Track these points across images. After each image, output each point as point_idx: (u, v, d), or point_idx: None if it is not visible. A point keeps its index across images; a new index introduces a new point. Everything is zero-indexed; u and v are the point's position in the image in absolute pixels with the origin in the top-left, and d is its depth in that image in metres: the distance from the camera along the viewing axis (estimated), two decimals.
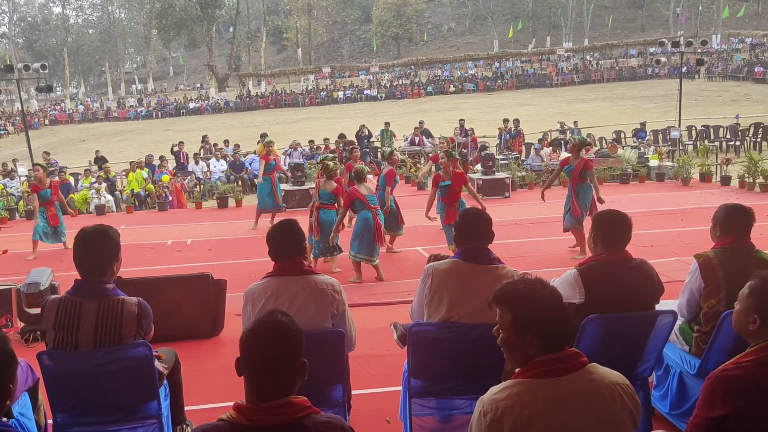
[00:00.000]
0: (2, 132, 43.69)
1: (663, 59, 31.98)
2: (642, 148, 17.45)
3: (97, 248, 3.13)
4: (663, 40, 22.01)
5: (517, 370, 2.03)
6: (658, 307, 3.29)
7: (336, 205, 8.27)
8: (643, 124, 21.35)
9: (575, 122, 22.48)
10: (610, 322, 3.12)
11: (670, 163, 16.33)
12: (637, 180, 15.69)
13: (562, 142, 19.29)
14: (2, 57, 63.47)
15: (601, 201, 8.29)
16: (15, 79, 19.47)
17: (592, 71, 51.82)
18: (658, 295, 3.30)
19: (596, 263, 3.24)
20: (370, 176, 12.32)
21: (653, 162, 16.26)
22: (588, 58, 58.06)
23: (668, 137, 20.16)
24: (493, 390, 1.98)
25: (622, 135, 21.72)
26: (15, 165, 19.12)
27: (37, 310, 5.65)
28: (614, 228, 3.25)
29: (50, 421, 3.42)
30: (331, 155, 10.99)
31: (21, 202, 15.22)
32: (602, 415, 1.95)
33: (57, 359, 3.08)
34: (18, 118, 45.22)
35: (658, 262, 4.56)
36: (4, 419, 2.89)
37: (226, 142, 21.75)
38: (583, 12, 72.15)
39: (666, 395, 3.77)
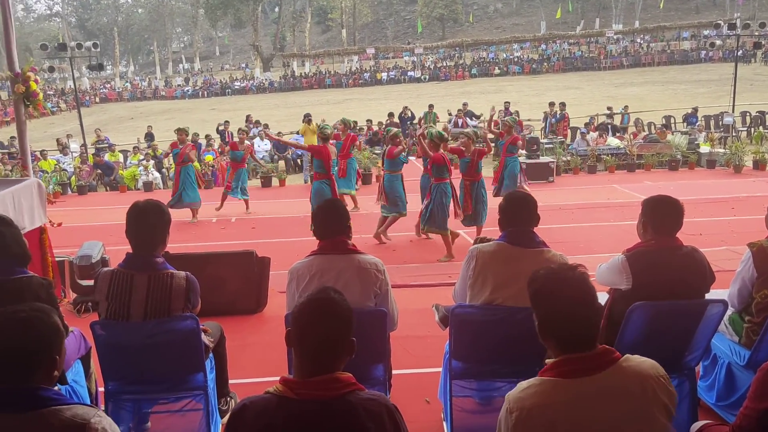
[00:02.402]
0: (55, 109, 44.92)
1: (718, 42, 30.81)
2: (693, 134, 16.95)
3: (151, 222, 3.20)
4: (719, 22, 21.24)
5: (547, 361, 2.00)
6: (707, 296, 3.21)
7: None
8: (694, 109, 20.72)
9: (625, 107, 21.88)
10: (657, 309, 3.05)
11: (722, 150, 15.82)
12: (687, 167, 15.27)
13: (609, 126, 18.87)
14: (56, 35, 65.02)
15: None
16: (68, 57, 19.86)
17: (642, 54, 50.40)
18: (709, 283, 3.21)
19: (645, 249, 3.16)
20: (411, 158, 12.26)
21: (704, 148, 15.78)
22: (638, 40, 56.47)
23: (721, 123, 19.54)
24: (521, 386, 1.96)
25: (672, 120, 21.11)
26: (68, 141, 19.62)
27: (89, 282, 5.84)
28: (665, 213, 3.16)
29: (101, 389, 3.54)
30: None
31: (73, 177, 15.70)
32: (630, 412, 1.90)
33: (109, 329, 3.17)
34: (70, 95, 46.40)
35: (708, 251, 4.43)
36: (57, 386, 3.02)
37: (267, 125, 21.88)
38: None
39: (713, 386, 3.70)
